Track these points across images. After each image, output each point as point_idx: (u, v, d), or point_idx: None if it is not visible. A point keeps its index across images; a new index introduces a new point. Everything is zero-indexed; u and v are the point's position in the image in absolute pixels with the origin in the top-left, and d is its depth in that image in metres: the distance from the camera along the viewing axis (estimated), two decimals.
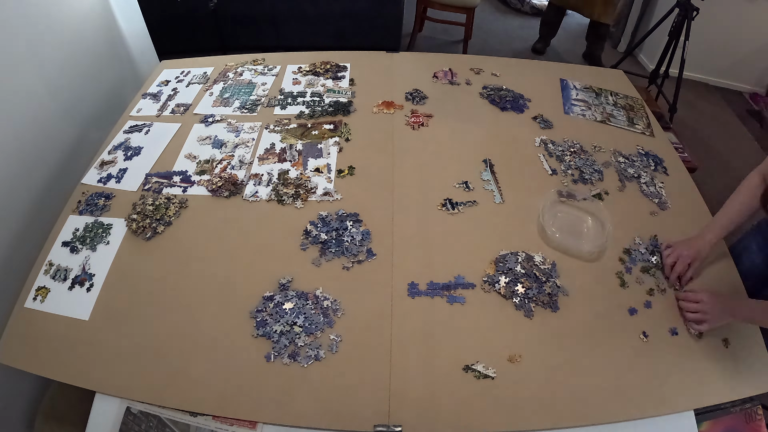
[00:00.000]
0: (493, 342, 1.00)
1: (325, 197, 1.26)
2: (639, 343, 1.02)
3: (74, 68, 1.56)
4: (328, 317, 1.02)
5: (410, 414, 0.90)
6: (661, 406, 0.94)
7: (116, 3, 1.84)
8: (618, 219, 1.25)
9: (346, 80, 1.66)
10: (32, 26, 1.35)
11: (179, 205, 1.22)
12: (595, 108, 1.63)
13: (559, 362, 0.98)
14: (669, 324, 1.05)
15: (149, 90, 1.61)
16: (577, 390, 0.94)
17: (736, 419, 0.99)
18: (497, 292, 1.08)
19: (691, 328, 1.04)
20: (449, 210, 1.24)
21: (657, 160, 1.44)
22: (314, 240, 1.15)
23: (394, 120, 1.50)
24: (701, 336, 1.03)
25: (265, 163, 1.35)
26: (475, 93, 1.64)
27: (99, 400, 0.92)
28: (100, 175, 1.31)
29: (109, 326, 1.00)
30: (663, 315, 1.07)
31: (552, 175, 1.36)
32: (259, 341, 0.98)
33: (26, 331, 1.00)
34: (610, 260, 1.16)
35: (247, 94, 1.59)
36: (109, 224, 1.18)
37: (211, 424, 0.90)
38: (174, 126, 1.46)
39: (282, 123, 1.47)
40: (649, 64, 3.29)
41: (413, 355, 0.97)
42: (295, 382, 0.93)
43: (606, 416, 0.92)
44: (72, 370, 0.94)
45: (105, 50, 1.77)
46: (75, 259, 1.11)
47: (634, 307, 1.07)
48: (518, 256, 1.14)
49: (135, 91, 1.62)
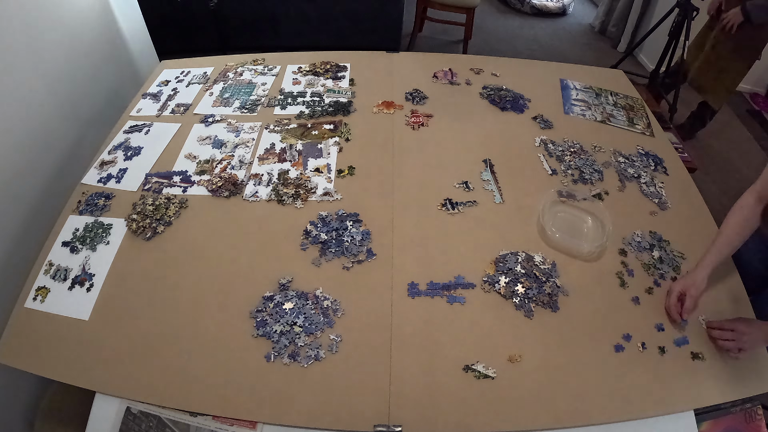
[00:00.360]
0: (493, 342, 1.00)
1: (325, 197, 1.26)
2: (639, 343, 1.02)
3: (74, 68, 1.56)
4: (328, 317, 1.02)
5: (410, 414, 0.90)
6: (660, 406, 0.94)
7: (116, 3, 1.84)
8: (618, 219, 1.25)
9: (346, 80, 1.66)
10: (32, 26, 1.35)
11: (179, 205, 1.22)
12: (595, 108, 1.63)
13: (559, 362, 0.98)
14: (669, 324, 1.05)
15: (149, 90, 1.61)
16: (577, 390, 0.94)
17: (736, 419, 0.99)
18: (497, 292, 1.08)
19: (729, 355, 1.01)
20: (449, 210, 1.24)
21: (657, 160, 1.44)
22: (314, 240, 1.15)
23: (394, 120, 1.51)
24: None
25: (265, 163, 1.35)
26: (475, 93, 1.64)
27: (99, 400, 0.92)
28: (100, 175, 1.31)
29: (109, 326, 1.00)
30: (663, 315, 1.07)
31: (552, 175, 1.36)
32: (259, 341, 0.98)
33: (26, 331, 1.00)
34: (611, 260, 1.16)
35: (247, 94, 1.59)
36: (109, 224, 1.18)
37: (211, 424, 0.90)
38: (174, 126, 1.46)
39: (282, 123, 1.47)
40: (649, 64, 3.29)
41: (413, 355, 0.97)
42: (295, 382, 0.93)
43: (606, 416, 0.92)
44: (72, 370, 0.94)
45: (105, 50, 1.77)
46: (75, 259, 1.11)
47: (628, 333, 1.03)
48: (518, 256, 1.14)
49: (135, 91, 1.62)
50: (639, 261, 1.17)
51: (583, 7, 4.17)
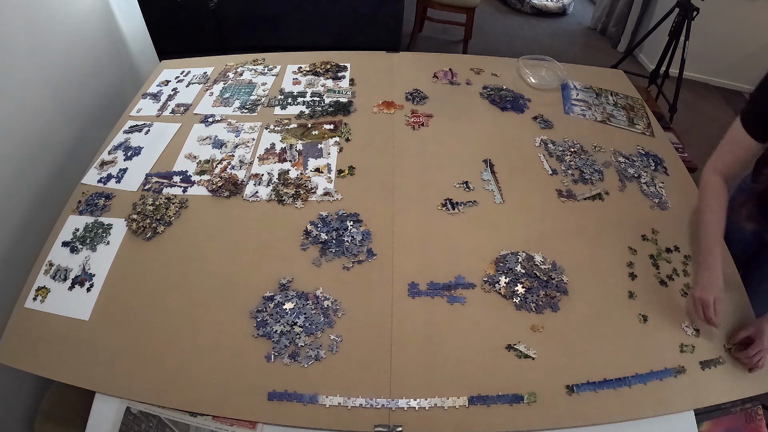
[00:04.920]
0: (493, 342, 1.00)
1: (325, 197, 1.26)
2: (639, 343, 1.02)
3: (74, 68, 1.56)
4: (328, 317, 1.02)
5: (411, 414, 0.90)
6: (660, 406, 0.94)
7: (116, 3, 1.84)
8: (618, 219, 1.25)
9: (346, 80, 1.66)
10: (32, 26, 1.35)
11: (179, 205, 1.22)
12: (595, 108, 1.63)
13: (559, 362, 0.98)
14: (669, 326, 1.05)
15: (149, 90, 1.61)
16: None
17: (736, 419, 0.99)
18: (497, 292, 1.08)
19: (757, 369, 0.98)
20: (449, 210, 1.24)
21: (657, 160, 1.44)
22: (314, 240, 1.15)
23: (394, 120, 1.50)
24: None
25: (266, 163, 1.35)
26: (475, 93, 1.64)
27: (99, 400, 0.92)
28: (100, 175, 1.31)
29: (109, 326, 1.00)
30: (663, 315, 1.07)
31: (552, 175, 1.36)
32: (260, 341, 0.98)
33: (26, 331, 1.00)
34: (611, 260, 1.16)
35: (247, 94, 1.59)
36: (109, 224, 1.18)
37: (211, 424, 0.90)
38: (174, 126, 1.46)
39: (282, 123, 1.47)
40: (649, 64, 3.29)
41: (413, 355, 0.97)
42: (295, 382, 0.93)
43: (606, 416, 0.92)
44: (72, 370, 0.94)
45: (105, 50, 1.77)
46: (75, 259, 1.11)
47: (628, 333, 1.02)
48: (518, 256, 1.14)
49: (135, 91, 1.62)
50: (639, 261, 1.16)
51: (583, 7, 4.17)
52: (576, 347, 1.00)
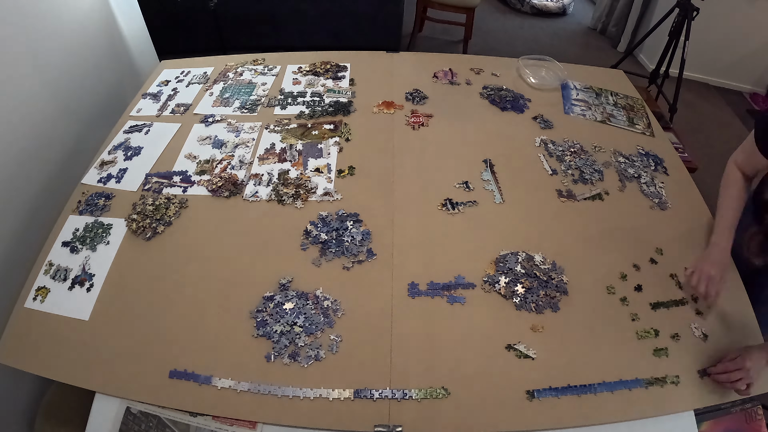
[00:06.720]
0: (493, 342, 1.00)
1: (325, 197, 1.26)
2: (639, 343, 1.02)
3: (74, 68, 1.56)
4: (328, 317, 1.02)
5: (411, 414, 0.90)
6: (660, 406, 0.94)
7: (116, 3, 1.84)
8: (618, 219, 1.25)
9: (346, 80, 1.66)
10: (32, 26, 1.35)
11: (179, 205, 1.22)
12: (595, 108, 1.63)
13: (559, 362, 0.98)
14: (669, 325, 1.05)
15: (149, 90, 1.61)
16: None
17: (736, 419, 0.99)
18: (497, 292, 1.08)
19: (740, 394, 0.95)
20: (449, 210, 1.24)
21: (657, 160, 1.44)
22: (314, 240, 1.15)
23: (394, 120, 1.50)
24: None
25: (265, 163, 1.35)
26: (475, 93, 1.64)
27: (99, 400, 0.92)
28: (100, 175, 1.31)
29: (109, 326, 1.00)
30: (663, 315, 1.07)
31: (552, 175, 1.36)
32: (260, 341, 0.98)
33: (26, 331, 1.00)
34: (611, 260, 1.16)
35: (247, 94, 1.59)
36: (109, 224, 1.18)
37: (211, 424, 0.90)
38: (174, 126, 1.46)
39: (282, 123, 1.47)
40: (649, 64, 3.29)
41: (413, 355, 0.97)
42: (295, 382, 0.93)
43: (606, 416, 0.92)
44: (72, 370, 0.94)
45: (105, 50, 1.77)
46: (75, 259, 1.11)
47: (628, 333, 1.01)
48: (518, 256, 1.14)
49: (135, 91, 1.62)
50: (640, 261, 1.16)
51: (583, 7, 4.17)
52: (576, 347, 1.00)
